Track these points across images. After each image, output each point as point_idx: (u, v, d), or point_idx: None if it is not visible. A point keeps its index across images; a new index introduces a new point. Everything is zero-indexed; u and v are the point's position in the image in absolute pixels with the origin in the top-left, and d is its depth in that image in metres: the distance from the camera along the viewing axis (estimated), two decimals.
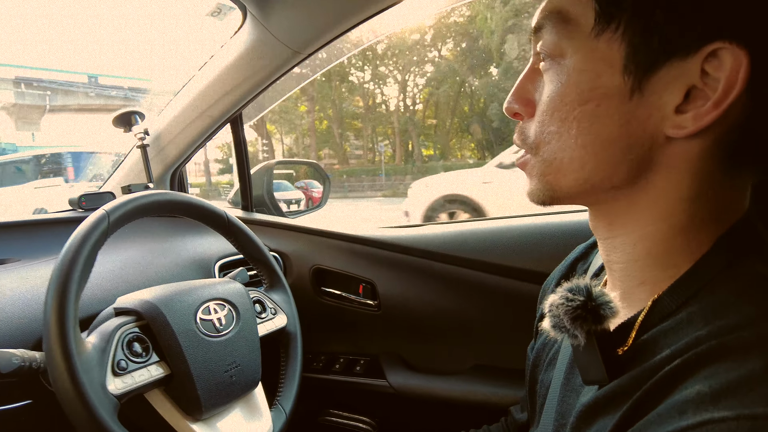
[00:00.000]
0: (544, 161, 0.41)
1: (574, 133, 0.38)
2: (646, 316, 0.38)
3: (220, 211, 0.77)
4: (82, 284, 0.57)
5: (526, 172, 0.43)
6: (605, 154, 0.37)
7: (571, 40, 0.38)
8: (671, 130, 0.35)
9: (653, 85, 0.35)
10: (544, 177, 0.41)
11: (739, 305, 0.33)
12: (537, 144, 0.41)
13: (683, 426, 0.28)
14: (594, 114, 0.37)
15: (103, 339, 0.58)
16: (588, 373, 0.39)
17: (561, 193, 0.41)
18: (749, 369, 0.28)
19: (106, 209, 0.62)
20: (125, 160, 1.16)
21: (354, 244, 1.08)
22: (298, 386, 0.79)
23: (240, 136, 1.16)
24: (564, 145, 0.39)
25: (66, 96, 11.99)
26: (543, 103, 0.40)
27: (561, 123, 0.38)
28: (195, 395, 0.61)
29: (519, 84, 0.44)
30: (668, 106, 0.35)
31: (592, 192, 0.40)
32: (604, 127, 0.37)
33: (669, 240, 0.38)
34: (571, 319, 0.37)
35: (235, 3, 0.85)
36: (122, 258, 0.87)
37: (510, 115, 0.45)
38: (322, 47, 0.92)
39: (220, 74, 0.99)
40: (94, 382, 0.53)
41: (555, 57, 0.39)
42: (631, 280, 0.40)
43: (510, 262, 0.94)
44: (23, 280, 0.74)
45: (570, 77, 0.38)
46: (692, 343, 0.32)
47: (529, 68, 0.43)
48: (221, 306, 0.69)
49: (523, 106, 0.43)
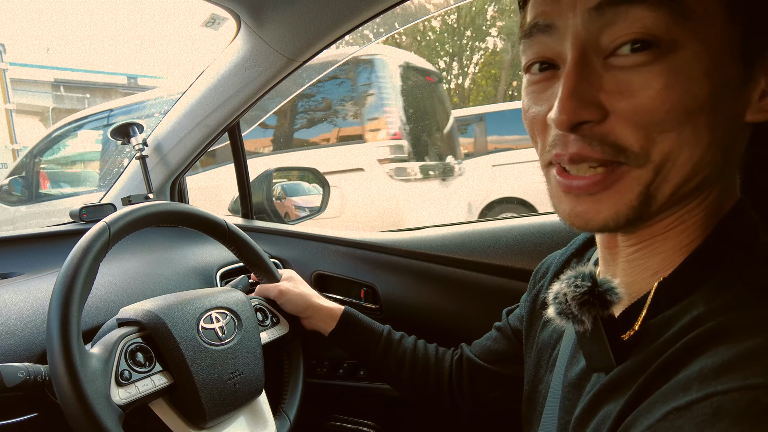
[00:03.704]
0: (656, 167, 0.34)
1: (701, 129, 0.33)
2: (652, 302, 0.38)
3: (220, 219, 0.78)
4: (84, 296, 0.57)
5: (608, 185, 0.35)
6: (719, 148, 0.34)
7: (688, 21, 0.31)
8: (757, 116, 0.35)
9: (758, 71, 0.34)
10: (646, 189, 0.34)
11: (737, 288, 0.33)
12: (645, 151, 0.34)
13: (688, 401, 0.28)
14: (718, 105, 0.33)
15: (106, 350, 0.58)
16: (594, 359, 0.39)
17: (657, 205, 0.35)
18: (749, 346, 0.29)
19: (106, 221, 0.63)
20: (125, 172, 1.16)
21: (354, 249, 1.08)
22: (302, 393, 0.80)
23: (238, 143, 1.17)
24: (687, 143, 0.33)
25: (104, 99, 11.73)
26: (655, 104, 0.32)
27: (686, 121, 0.33)
28: (199, 404, 0.62)
29: (577, 87, 0.34)
30: (757, 92, 0.35)
31: (682, 197, 0.36)
32: (725, 118, 0.34)
33: (696, 230, 0.38)
34: (579, 304, 0.38)
35: (229, 13, 0.86)
36: (124, 269, 0.88)
37: (568, 129, 0.35)
38: (316, 54, 0.92)
39: (216, 84, 0.99)
40: (98, 393, 0.53)
41: (663, 44, 0.32)
42: (643, 272, 0.40)
43: (510, 262, 0.95)
44: (27, 294, 0.74)
45: (693, 68, 0.32)
46: (694, 324, 0.33)
47: (578, 65, 0.34)
48: (223, 315, 0.70)
49: (593, 110, 0.34)
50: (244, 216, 1.25)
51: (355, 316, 0.80)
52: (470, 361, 0.73)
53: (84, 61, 21.85)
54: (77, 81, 11.55)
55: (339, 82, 3.54)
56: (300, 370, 0.81)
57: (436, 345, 0.79)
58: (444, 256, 1.00)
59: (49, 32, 27.04)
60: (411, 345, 0.78)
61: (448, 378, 0.74)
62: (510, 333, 0.68)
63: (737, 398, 0.26)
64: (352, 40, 1.00)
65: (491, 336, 0.72)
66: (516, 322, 0.68)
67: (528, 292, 0.64)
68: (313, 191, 2.92)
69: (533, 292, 0.62)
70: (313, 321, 0.81)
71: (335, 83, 3.54)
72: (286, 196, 2.35)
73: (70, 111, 11.26)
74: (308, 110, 3.74)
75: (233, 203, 1.29)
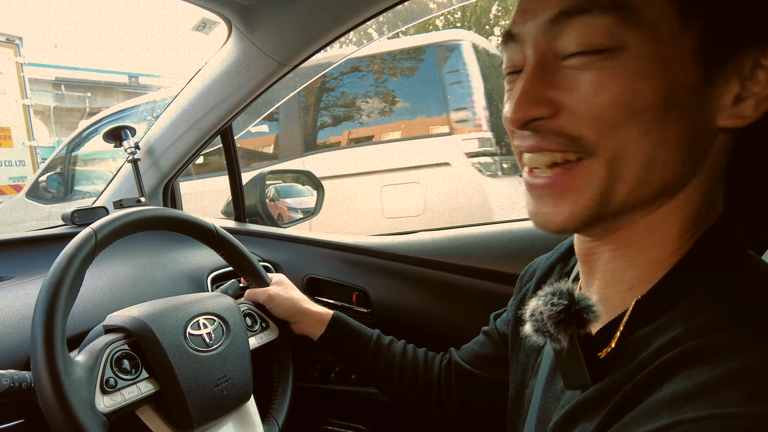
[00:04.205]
0: (608, 162, 0.35)
1: (648, 128, 0.34)
2: (629, 319, 0.37)
3: (210, 224, 0.78)
4: (69, 304, 0.57)
5: (565, 187, 0.37)
6: (674, 151, 0.35)
7: (635, 28, 0.33)
8: (729, 121, 0.34)
9: (722, 76, 0.34)
10: (601, 185, 0.35)
11: (714, 308, 0.33)
12: (596, 142, 0.35)
13: (658, 426, 0.28)
14: (667, 107, 0.34)
15: (92, 357, 0.58)
16: (570, 377, 0.39)
17: (613, 206, 0.36)
18: (722, 370, 0.28)
19: (93, 228, 0.62)
20: (117, 175, 1.16)
21: (346, 253, 1.08)
22: (291, 398, 0.80)
23: (231, 146, 1.17)
24: (635, 140, 0.34)
25: (105, 97, 11.60)
26: (599, 101, 0.34)
27: (631, 119, 0.34)
28: (185, 410, 0.62)
29: (530, 87, 0.36)
30: (728, 97, 0.34)
31: (641, 201, 0.36)
32: (676, 121, 0.34)
33: (671, 244, 0.37)
34: (555, 323, 0.37)
35: (220, 17, 0.86)
36: (114, 273, 0.88)
37: (520, 127, 0.38)
38: (307, 59, 0.92)
39: (208, 88, 0.99)
40: (82, 402, 0.53)
41: (609, 48, 0.33)
42: (619, 285, 0.40)
43: (501, 267, 0.95)
44: (15, 299, 0.74)
45: (638, 70, 0.33)
46: (670, 345, 0.32)
47: (536, 67, 0.37)
48: (211, 321, 0.70)
49: (543, 108, 0.36)
50: (236, 219, 1.25)
51: (344, 321, 0.80)
52: (458, 365, 0.73)
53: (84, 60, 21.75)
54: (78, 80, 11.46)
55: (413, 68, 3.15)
56: (289, 375, 0.81)
57: (425, 350, 0.79)
58: (436, 261, 1.00)
59: (49, 31, 26.97)
60: (400, 350, 0.78)
61: (437, 383, 0.74)
62: (497, 337, 0.68)
63: (705, 427, 0.26)
64: (356, 39, 0.99)
65: (479, 341, 0.72)
66: (503, 327, 0.68)
67: (514, 296, 0.64)
68: (306, 192, 2.81)
69: (519, 295, 0.62)
70: (302, 326, 0.80)
71: (413, 70, 3.15)
72: (279, 198, 2.29)
73: (71, 110, 11.11)
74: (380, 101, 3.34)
75: (226, 206, 1.29)
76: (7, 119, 5.79)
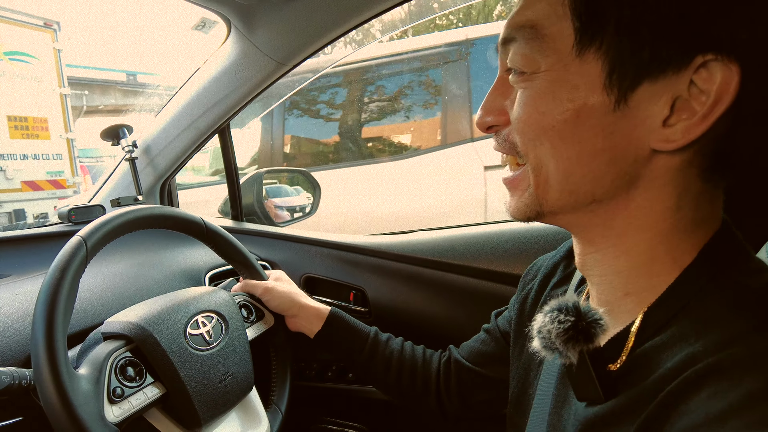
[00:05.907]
0: (534, 169, 0.40)
1: (557, 144, 0.38)
2: (639, 330, 0.37)
3: (197, 218, 0.77)
4: (67, 317, 0.56)
5: (514, 185, 0.43)
6: (590, 165, 0.37)
7: (545, 56, 0.37)
8: (659, 144, 0.35)
9: (638, 99, 0.34)
10: (533, 189, 0.40)
11: (729, 319, 0.33)
12: (525, 152, 0.40)
13: None
14: (575, 126, 0.36)
15: (95, 369, 0.57)
16: (581, 390, 0.39)
17: (547, 207, 0.40)
18: (747, 389, 0.28)
19: (81, 236, 0.61)
20: (115, 173, 1.16)
21: (344, 252, 1.09)
22: (291, 383, 0.80)
23: (228, 146, 1.17)
24: (549, 154, 0.38)
25: (102, 96, 11.43)
26: (521, 116, 0.39)
27: (542, 135, 0.38)
28: (192, 410, 0.62)
29: (488, 98, 0.43)
30: (655, 120, 0.34)
31: (576, 206, 0.39)
32: (587, 139, 0.36)
33: (651, 250, 0.38)
34: (563, 341, 0.37)
35: (219, 17, 0.86)
36: (112, 272, 0.88)
37: (484, 130, 0.44)
38: (306, 59, 0.93)
39: (207, 87, 0.99)
40: (92, 416, 0.53)
41: (528, 71, 0.38)
42: (615, 292, 0.40)
43: (498, 266, 0.95)
44: (13, 297, 0.74)
45: (547, 92, 0.37)
46: (689, 361, 0.32)
47: (498, 80, 0.43)
48: (209, 318, 0.70)
49: (497, 116, 0.43)
50: (234, 218, 1.25)
51: (342, 317, 0.80)
52: (458, 363, 0.73)
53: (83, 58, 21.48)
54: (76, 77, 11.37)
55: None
56: (288, 362, 0.81)
57: (424, 347, 0.79)
58: (433, 260, 1.01)
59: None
60: (398, 347, 0.78)
61: (436, 380, 0.74)
62: (498, 335, 0.69)
63: None
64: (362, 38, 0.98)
65: (479, 338, 0.73)
66: (504, 325, 0.68)
67: (517, 295, 0.64)
68: (294, 192, 2.72)
69: (522, 294, 0.62)
70: (299, 320, 0.80)
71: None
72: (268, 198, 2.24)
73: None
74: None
75: (223, 205, 1.29)
76: (42, 109, 5.23)
